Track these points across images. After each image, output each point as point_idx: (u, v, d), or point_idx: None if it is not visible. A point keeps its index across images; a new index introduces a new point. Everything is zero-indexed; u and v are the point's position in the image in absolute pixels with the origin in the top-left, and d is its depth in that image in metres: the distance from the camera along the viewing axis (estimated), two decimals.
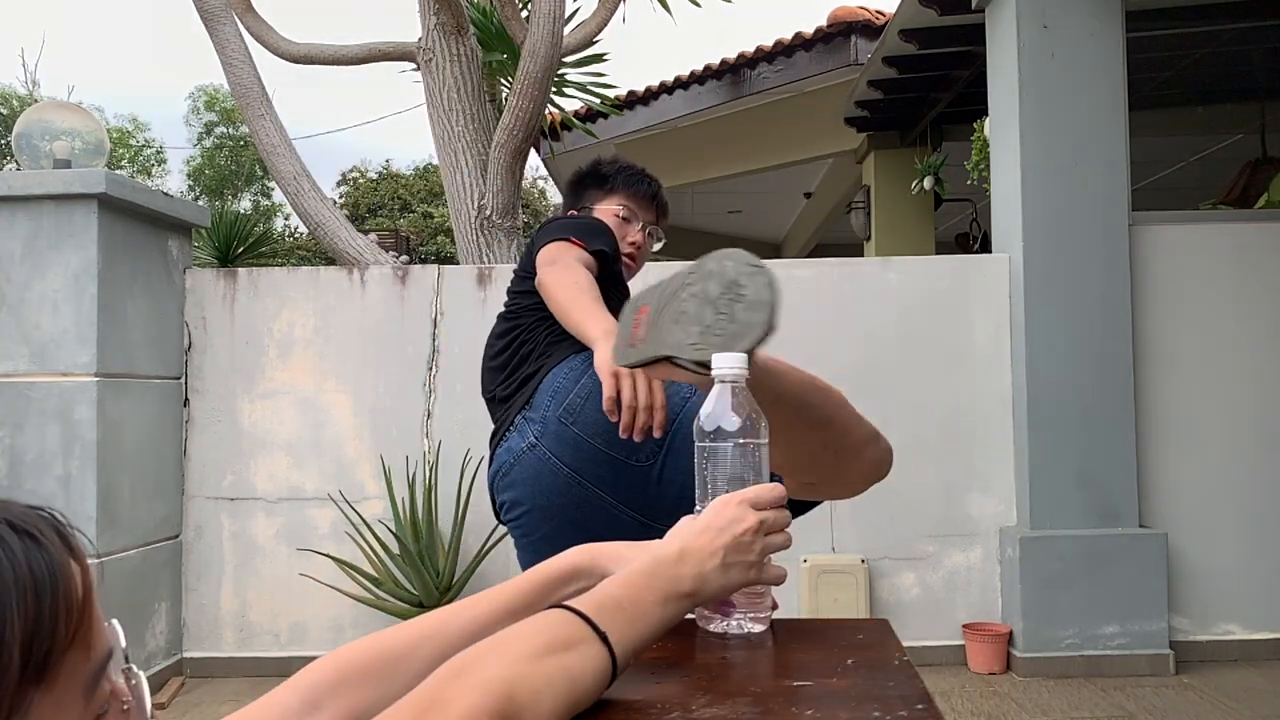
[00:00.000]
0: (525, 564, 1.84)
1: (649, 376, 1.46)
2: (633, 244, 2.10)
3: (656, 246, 2.23)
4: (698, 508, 0.99)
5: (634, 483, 1.67)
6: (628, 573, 0.81)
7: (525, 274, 1.95)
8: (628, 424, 1.49)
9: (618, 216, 2.10)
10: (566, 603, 0.75)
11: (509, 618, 0.81)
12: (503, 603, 0.85)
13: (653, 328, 1.12)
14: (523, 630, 0.70)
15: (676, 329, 1.09)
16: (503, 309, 2.00)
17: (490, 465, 1.89)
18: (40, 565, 0.49)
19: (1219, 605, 3.94)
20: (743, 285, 1.08)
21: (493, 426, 1.97)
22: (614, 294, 1.87)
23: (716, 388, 1.00)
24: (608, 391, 1.48)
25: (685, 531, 0.87)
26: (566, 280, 1.70)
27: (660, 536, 0.91)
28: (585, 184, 2.19)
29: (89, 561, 0.54)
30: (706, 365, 1.02)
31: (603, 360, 1.51)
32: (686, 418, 1.60)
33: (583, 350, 1.70)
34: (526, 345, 1.89)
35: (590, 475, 1.69)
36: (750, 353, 1.04)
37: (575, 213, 2.17)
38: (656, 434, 1.50)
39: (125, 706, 0.54)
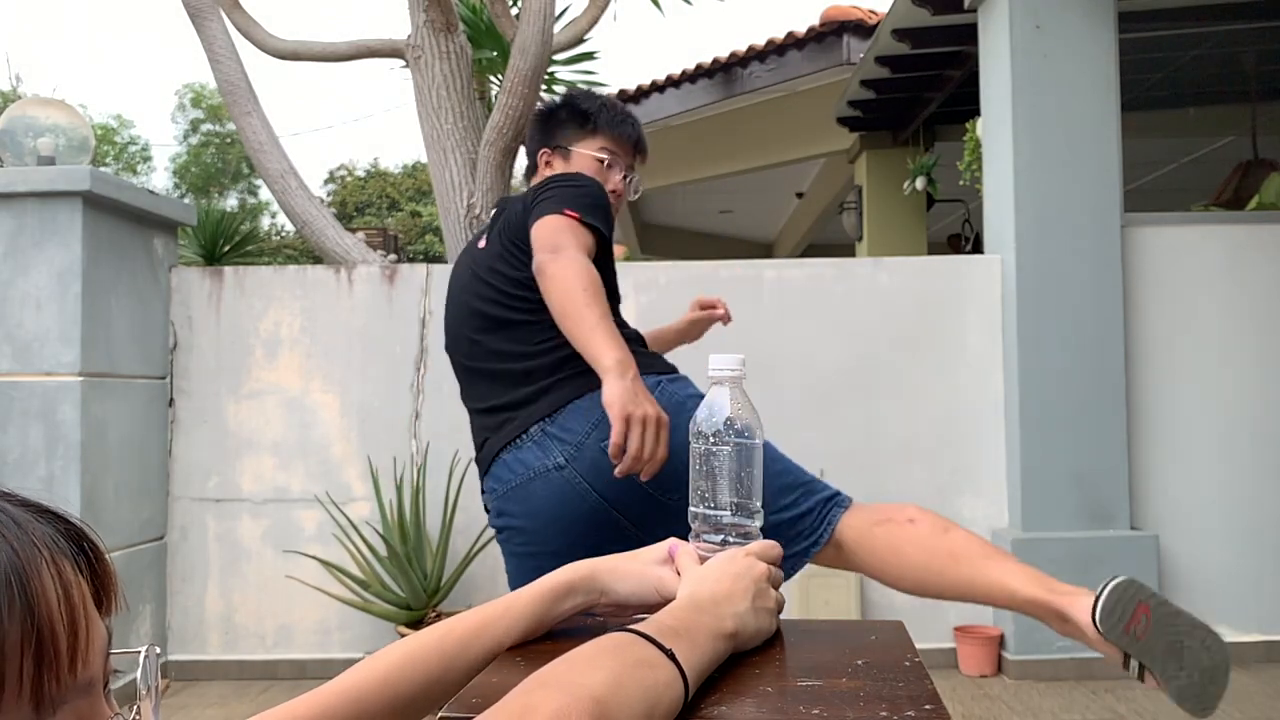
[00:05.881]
0: (512, 572, 1.82)
1: (659, 428, 1.48)
2: (613, 192, 1.91)
3: (633, 197, 2.04)
4: (692, 508, 0.99)
5: (658, 514, 1.66)
6: (674, 608, 0.79)
7: (525, 251, 1.76)
8: (625, 470, 1.49)
9: (599, 161, 1.91)
10: (630, 627, 0.72)
11: (522, 639, 0.84)
12: (512, 623, 0.84)
13: (1151, 635, 1.43)
14: (596, 648, 0.68)
15: (1170, 656, 1.43)
16: (505, 276, 1.80)
17: (490, 467, 1.80)
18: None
19: (1210, 607, 3.93)
20: (1216, 684, 1.46)
21: (477, 414, 1.88)
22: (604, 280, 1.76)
23: (714, 389, 1.00)
24: (616, 438, 1.47)
25: (703, 577, 0.85)
26: (573, 282, 1.58)
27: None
28: (560, 120, 1.97)
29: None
30: (1178, 696, 1.42)
31: (614, 398, 1.47)
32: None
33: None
34: (549, 342, 1.73)
35: (619, 503, 1.67)
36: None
37: (548, 152, 1.96)
38: (644, 478, 1.51)
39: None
